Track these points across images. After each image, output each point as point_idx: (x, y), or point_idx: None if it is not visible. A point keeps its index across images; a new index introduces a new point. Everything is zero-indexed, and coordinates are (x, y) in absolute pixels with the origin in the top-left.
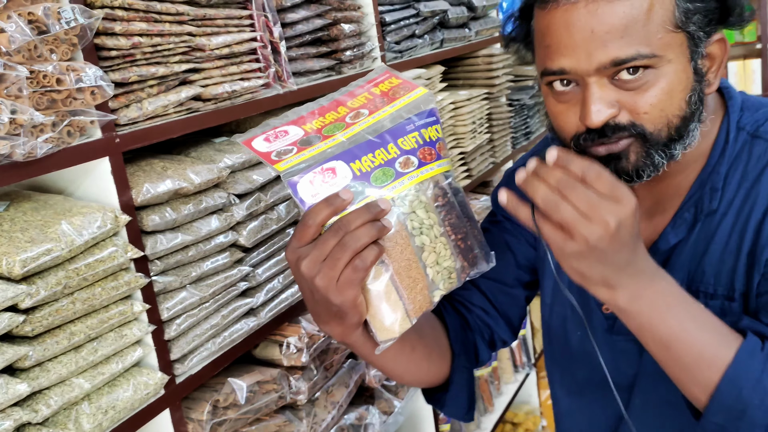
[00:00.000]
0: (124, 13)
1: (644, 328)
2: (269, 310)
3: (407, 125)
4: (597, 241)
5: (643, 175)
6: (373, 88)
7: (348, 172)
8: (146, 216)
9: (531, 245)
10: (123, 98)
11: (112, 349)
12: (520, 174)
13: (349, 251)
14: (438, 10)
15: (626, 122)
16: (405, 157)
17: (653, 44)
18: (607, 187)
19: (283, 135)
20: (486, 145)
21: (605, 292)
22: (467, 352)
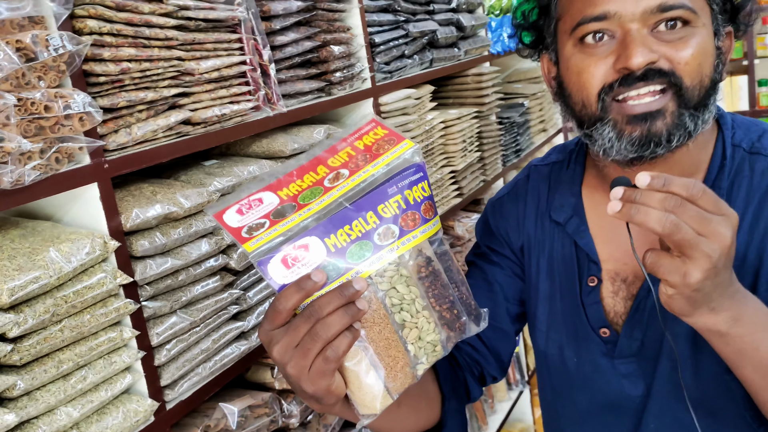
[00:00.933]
0: (112, 39)
1: (745, 353)
2: None
3: (389, 188)
4: (718, 257)
5: (674, 139)
6: (356, 141)
7: (322, 249)
8: (135, 241)
9: (518, 276)
10: (112, 123)
11: (101, 376)
12: (615, 205)
13: (320, 341)
14: (427, 30)
15: (667, 69)
16: (385, 227)
17: (695, 2)
18: (712, 202)
19: (257, 204)
20: (476, 163)
21: (709, 317)
22: (458, 394)
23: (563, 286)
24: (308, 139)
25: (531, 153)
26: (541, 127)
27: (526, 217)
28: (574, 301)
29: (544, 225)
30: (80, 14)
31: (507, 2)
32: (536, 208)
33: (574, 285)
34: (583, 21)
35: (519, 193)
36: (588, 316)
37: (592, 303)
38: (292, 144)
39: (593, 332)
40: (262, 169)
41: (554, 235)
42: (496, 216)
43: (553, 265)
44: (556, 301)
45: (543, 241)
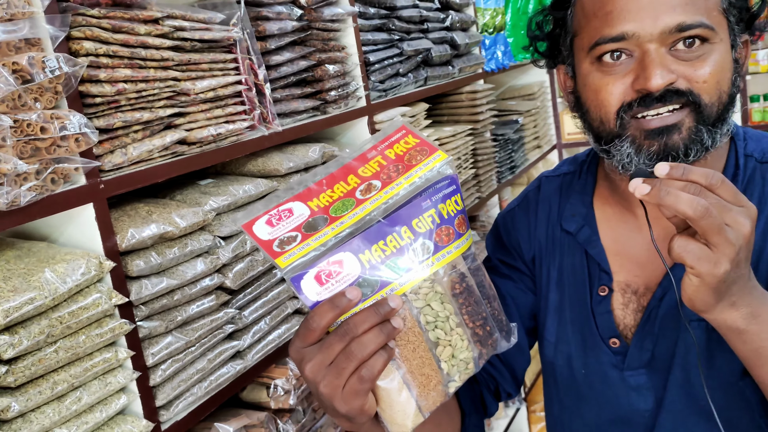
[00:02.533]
0: (108, 60)
1: (762, 352)
2: (256, 353)
3: (423, 202)
4: (740, 247)
5: (691, 153)
6: (387, 150)
7: (357, 265)
8: (131, 261)
9: (530, 289)
10: (108, 144)
11: (96, 397)
12: (644, 188)
13: (355, 360)
14: (421, 49)
15: (685, 89)
16: (420, 243)
17: (713, 18)
18: (731, 192)
19: (287, 215)
20: (471, 180)
21: (729, 312)
22: (477, 410)
23: (573, 296)
24: (303, 157)
25: (525, 170)
26: (535, 143)
27: (537, 227)
28: (585, 311)
29: (555, 235)
30: (76, 36)
31: (500, 20)
32: (547, 218)
33: (584, 295)
34: (600, 41)
35: (530, 204)
36: (598, 325)
37: (603, 312)
38: (288, 163)
39: (603, 342)
40: (258, 188)
41: (565, 245)
42: (508, 227)
43: (563, 274)
44: (565, 310)
45: (554, 251)
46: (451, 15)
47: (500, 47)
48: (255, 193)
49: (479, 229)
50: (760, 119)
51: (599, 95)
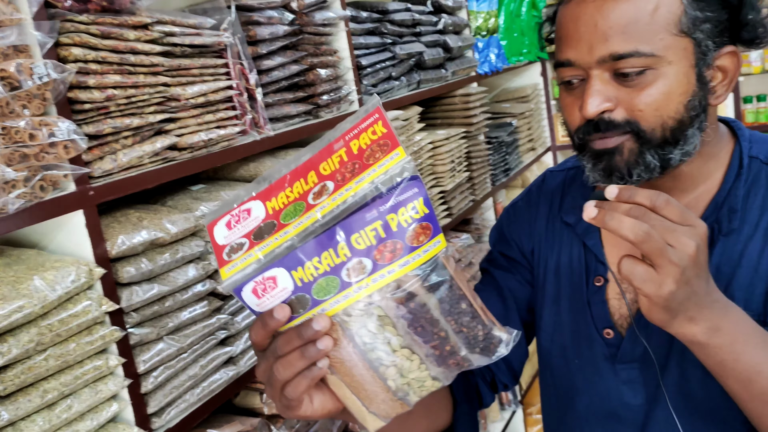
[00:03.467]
0: (97, 66)
1: (725, 364)
2: (249, 358)
3: (368, 213)
4: (685, 266)
5: (634, 174)
6: (353, 141)
7: (289, 282)
8: (122, 268)
9: (528, 282)
10: (97, 150)
11: (86, 405)
12: (591, 212)
13: (279, 381)
14: (414, 52)
15: (620, 119)
16: (356, 261)
17: (654, 44)
18: (677, 212)
19: (245, 217)
20: (465, 183)
21: (688, 327)
22: (470, 399)
23: (570, 286)
24: None
25: (520, 172)
26: (529, 146)
27: (537, 219)
28: (580, 301)
29: (555, 227)
30: (65, 42)
31: (493, 23)
32: (548, 210)
33: (581, 285)
34: (557, 64)
35: (532, 198)
36: (593, 315)
37: (598, 302)
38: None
39: (597, 333)
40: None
41: (564, 237)
42: (510, 220)
43: (561, 265)
44: (561, 301)
45: (552, 243)
46: (444, 18)
47: (493, 50)
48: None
49: (473, 232)
50: (754, 120)
51: (565, 114)
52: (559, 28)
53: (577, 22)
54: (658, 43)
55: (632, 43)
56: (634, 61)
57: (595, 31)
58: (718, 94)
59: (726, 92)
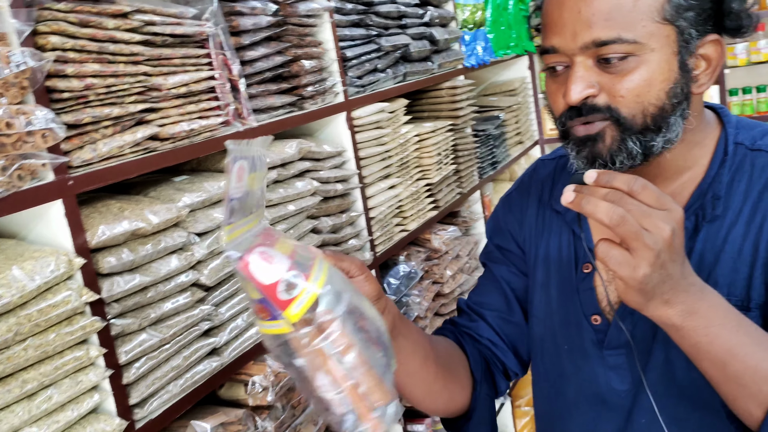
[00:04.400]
0: (76, 54)
1: (700, 347)
2: (233, 349)
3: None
4: (660, 249)
5: (616, 160)
6: None
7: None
8: (102, 258)
9: (523, 273)
10: (76, 140)
11: (67, 396)
12: (569, 196)
13: None
14: (400, 44)
15: (602, 104)
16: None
17: (636, 31)
18: (653, 197)
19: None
20: (452, 176)
21: (663, 310)
22: (488, 381)
23: (559, 274)
24: (280, 153)
25: (507, 165)
26: (517, 139)
27: (529, 207)
28: (569, 288)
29: (545, 214)
30: (43, 30)
31: (480, 16)
32: (539, 199)
33: (570, 272)
34: (542, 51)
35: (524, 186)
36: (581, 301)
37: (586, 289)
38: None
39: (585, 319)
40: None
41: (553, 224)
42: (505, 210)
43: (551, 253)
44: (551, 288)
45: (543, 230)
46: (430, 11)
47: (480, 43)
48: None
49: (461, 224)
50: (739, 112)
51: (549, 100)
52: (544, 15)
53: (561, 9)
54: (640, 30)
55: (615, 30)
56: (617, 48)
57: (579, 18)
58: (701, 83)
59: (709, 81)
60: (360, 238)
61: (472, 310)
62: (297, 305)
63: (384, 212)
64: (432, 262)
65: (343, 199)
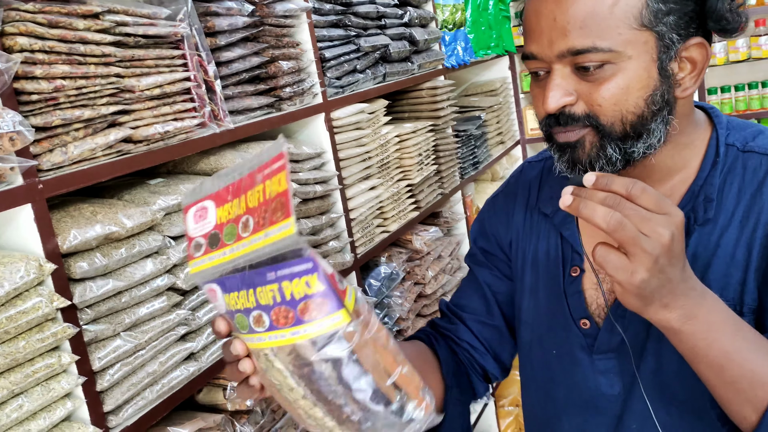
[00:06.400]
0: (44, 56)
1: (698, 350)
2: (211, 354)
3: (269, 272)
4: (658, 255)
5: (596, 166)
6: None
7: (222, 303)
8: (74, 263)
9: (507, 277)
10: (46, 143)
11: (38, 404)
12: (567, 199)
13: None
14: (379, 45)
15: (581, 113)
16: (258, 314)
17: (612, 39)
18: (653, 201)
19: (203, 216)
20: (433, 177)
21: (662, 313)
22: (460, 384)
23: (547, 277)
24: None
25: (489, 165)
26: (498, 139)
27: (515, 210)
28: (557, 292)
29: (533, 218)
30: (10, 32)
31: (460, 17)
32: (526, 201)
33: (557, 275)
34: (523, 56)
35: (510, 189)
36: (569, 305)
37: (574, 293)
38: (240, 160)
39: (573, 323)
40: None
41: (541, 227)
42: (490, 213)
43: (539, 256)
44: (539, 291)
45: (530, 233)
46: (410, 11)
47: (461, 43)
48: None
49: (443, 225)
50: None
51: (533, 105)
52: (524, 21)
53: (538, 16)
54: (616, 38)
55: (590, 38)
56: (593, 56)
57: (555, 26)
58: (685, 87)
59: (695, 84)
60: (340, 240)
61: (453, 313)
62: (349, 295)
63: (364, 213)
64: (414, 263)
65: (322, 201)
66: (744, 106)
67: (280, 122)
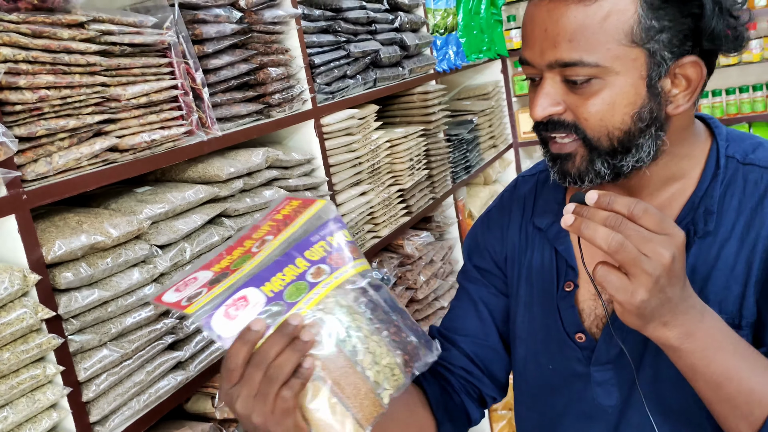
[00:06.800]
0: (28, 66)
1: (696, 368)
2: (199, 362)
3: (311, 237)
4: (659, 275)
5: (585, 179)
6: (276, 216)
7: (260, 297)
8: (59, 273)
9: (503, 293)
10: (30, 153)
11: (23, 415)
12: (568, 219)
13: (276, 383)
14: (369, 50)
15: (570, 121)
16: (315, 268)
17: (599, 54)
18: (654, 221)
19: (193, 282)
20: (425, 181)
21: (661, 331)
22: (453, 419)
23: (541, 292)
24: (246, 162)
25: (481, 169)
26: (491, 143)
27: (510, 225)
28: (551, 307)
29: (527, 232)
30: None
31: (452, 21)
32: (521, 216)
33: (551, 290)
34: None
35: (505, 203)
36: (563, 320)
37: (567, 307)
38: (229, 168)
39: (568, 338)
40: (198, 194)
41: (536, 241)
42: (484, 229)
43: (533, 270)
44: (533, 306)
45: (525, 248)
46: (400, 16)
47: (452, 47)
48: (195, 199)
49: (434, 229)
50: None
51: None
52: (522, 25)
53: (532, 24)
54: (604, 53)
55: (578, 52)
56: (579, 70)
57: (546, 36)
58: (678, 104)
59: (688, 102)
60: None
61: (444, 337)
62: None
63: (355, 219)
64: (405, 267)
65: None
66: (735, 110)
67: (269, 129)
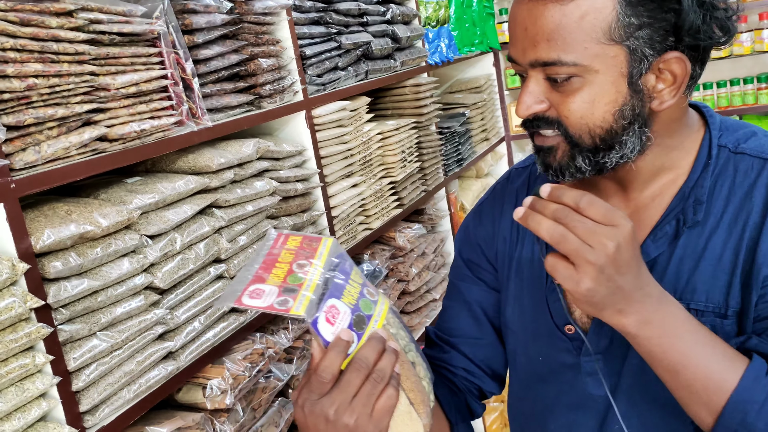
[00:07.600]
0: (16, 54)
1: (654, 355)
2: (190, 353)
3: (343, 264)
4: (602, 265)
5: (566, 173)
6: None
7: (345, 306)
8: (48, 263)
9: (494, 288)
10: (19, 142)
11: (12, 405)
12: (519, 211)
13: (381, 384)
14: (361, 42)
15: (554, 117)
16: (366, 287)
17: (577, 53)
18: (600, 213)
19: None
20: (417, 174)
21: (617, 318)
22: (464, 418)
23: (531, 285)
24: (237, 153)
25: (473, 162)
26: (483, 136)
27: (503, 217)
28: (540, 299)
29: (519, 225)
30: None
31: (444, 13)
32: (513, 207)
33: (540, 283)
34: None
35: (497, 196)
36: (552, 312)
37: (555, 300)
38: (219, 159)
39: (557, 330)
40: (188, 184)
41: (526, 234)
42: (476, 222)
43: (523, 263)
44: (523, 299)
45: (516, 241)
46: (392, 8)
47: (444, 40)
48: (185, 190)
49: (426, 222)
50: None
51: None
52: (508, 24)
53: (515, 24)
54: (582, 52)
55: (555, 51)
56: (558, 69)
57: (526, 35)
58: (663, 100)
59: (673, 98)
60: None
61: (442, 341)
62: None
63: (347, 211)
64: (397, 260)
65: (304, 199)
66: (726, 103)
67: (260, 120)
